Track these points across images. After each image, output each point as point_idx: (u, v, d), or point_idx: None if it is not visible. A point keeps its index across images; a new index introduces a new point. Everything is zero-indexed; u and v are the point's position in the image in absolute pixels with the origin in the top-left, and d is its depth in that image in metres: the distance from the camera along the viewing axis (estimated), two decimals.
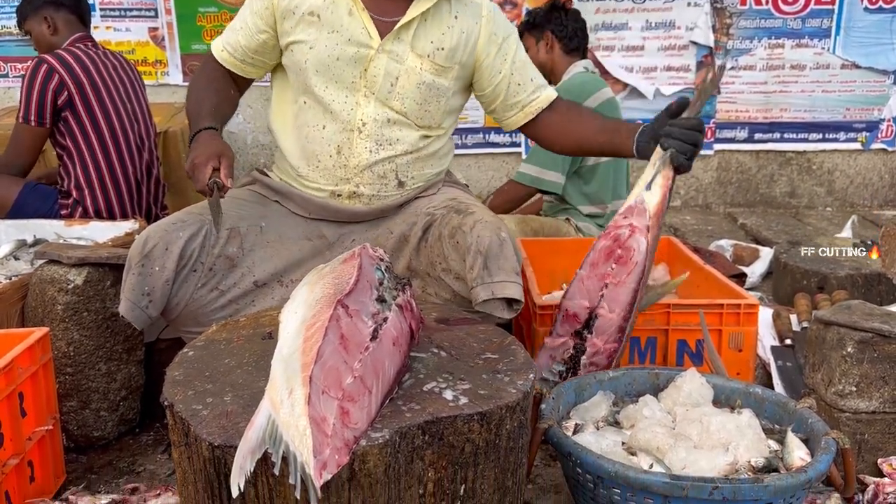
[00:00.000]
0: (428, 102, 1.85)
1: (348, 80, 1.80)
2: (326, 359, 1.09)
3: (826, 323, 1.80)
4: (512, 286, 1.64)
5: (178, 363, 1.33)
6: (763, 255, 3.64)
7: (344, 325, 1.15)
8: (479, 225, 1.69)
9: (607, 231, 1.79)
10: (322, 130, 1.84)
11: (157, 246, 1.68)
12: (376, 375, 1.15)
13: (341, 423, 1.05)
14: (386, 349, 1.20)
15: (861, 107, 4.79)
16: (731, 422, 1.49)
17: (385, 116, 1.83)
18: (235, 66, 1.92)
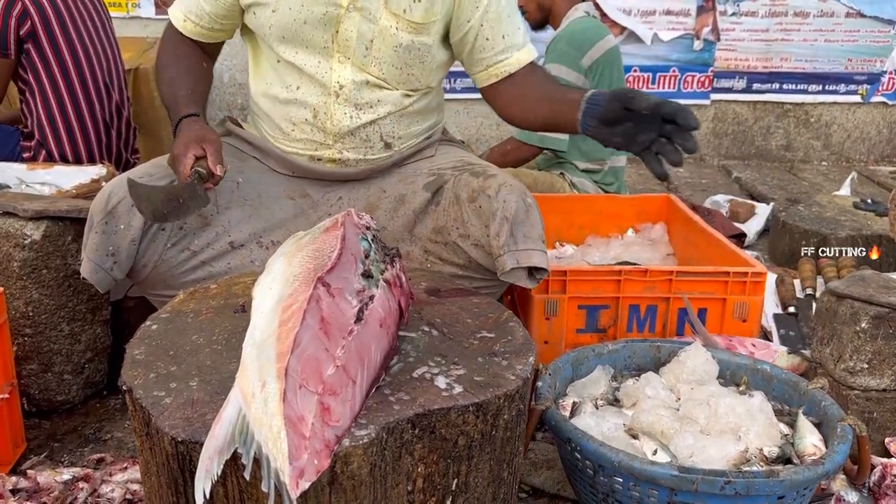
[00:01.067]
0: (410, 66, 1.66)
1: (319, 45, 1.62)
2: (304, 347, 0.95)
3: (839, 296, 1.69)
4: (538, 254, 1.52)
5: (139, 339, 1.19)
6: (759, 211, 3.53)
7: (325, 306, 1.01)
8: (504, 189, 1.56)
9: None
10: (296, 91, 1.67)
11: (122, 202, 1.53)
12: (361, 362, 1.02)
13: (321, 422, 0.92)
14: (372, 331, 1.06)
15: (863, 57, 4.64)
16: (741, 405, 1.39)
17: (363, 79, 1.66)
18: (202, 34, 1.74)
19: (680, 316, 1.88)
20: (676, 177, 4.46)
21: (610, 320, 1.89)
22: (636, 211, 2.61)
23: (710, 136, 4.82)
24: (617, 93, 1.42)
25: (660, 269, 1.85)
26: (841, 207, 3.20)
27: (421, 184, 1.72)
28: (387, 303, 1.13)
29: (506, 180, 1.60)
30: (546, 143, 2.70)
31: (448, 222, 1.66)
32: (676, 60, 4.60)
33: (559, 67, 2.67)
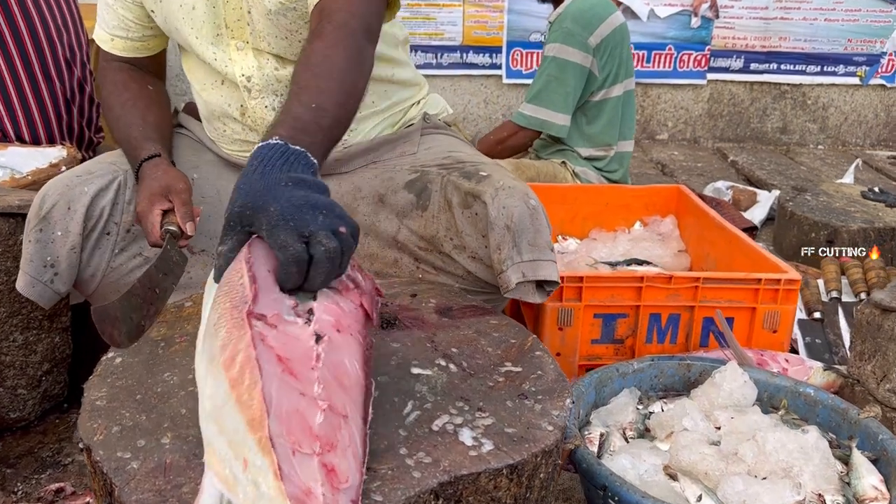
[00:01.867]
0: (295, 32, 1.41)
1: (212, 33, 1.41)
2: (279, 401, 0.76)
3: (885, 309, 1.53)
4: (547, 266, 1.30)
5: (100, 377, 0.99)
6: (761, 199, 3.39)
7: (274, 342, 0.81)
8: (503, 193, 1.33)
9: None
10: (212, 92, 1.48)
11: (58, 205, 1.32)
12: (343, 388, 0.82)
13: (331, 489, 0.73)
14: (337, 344, 0.85)
15: (863, 38, 4.49)
16: (792, 441, 1.22)
17: (270, 65, 1.43)
18: (136, 48, 1.52)
19: (705, 326, 1.72)
20: (672, 161, 4.30)
21: (628, 330, 1.72)
22: (644, 202, 2.44)
23: (706, 117, 4.66)
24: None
25: (685, 276, 1.68)
26: (849, 197, 3.06)
27: (401, 181, 1.49)
28: (334, 305, 0.90)
29: (503, 181, 1.36)
30: (546, 129, 2.52)
31: (440, 231, 1.44)
32: (673, 38, 4.42)
33: (564, 48, 2.48)
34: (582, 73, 2.50)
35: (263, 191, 0.88)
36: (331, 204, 0.89)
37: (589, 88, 2.54)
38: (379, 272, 1.51)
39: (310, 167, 0.94)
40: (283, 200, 0.86)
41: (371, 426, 0.91)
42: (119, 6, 1.47)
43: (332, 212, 0.88)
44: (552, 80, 2.50)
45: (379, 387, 0.99)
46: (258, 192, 0.88)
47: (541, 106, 2.52)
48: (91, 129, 2.57)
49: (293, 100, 1.09)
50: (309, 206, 0.87)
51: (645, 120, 4.62)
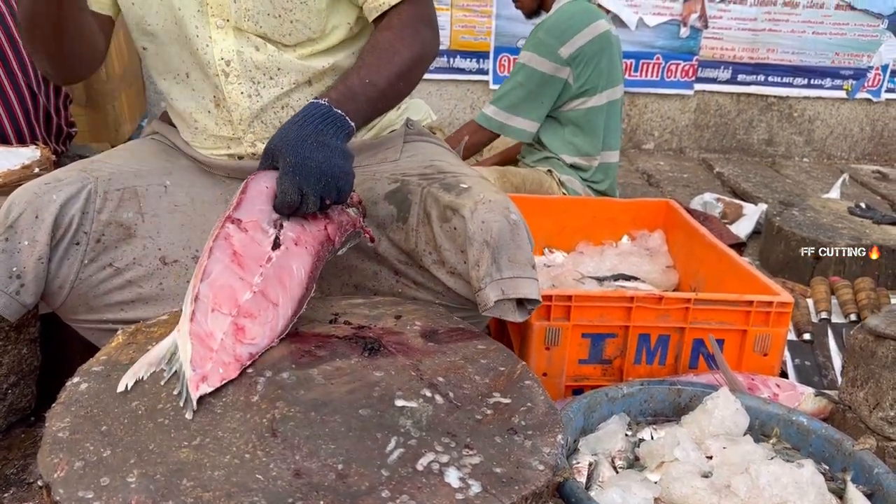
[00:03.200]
0: (290, 11, 1.35)
1: (192, 9, 1.33)
2: (216, 277, 1.06)
3: (879, 335, 1.50)
4: (527, 283, 1.24)
5: (63, 406, 0.93)
6: (748, 212, 3.37)
7: (236, 241, 1.10)
8: (483, 207, 1.27)
9: None
10: (187, 79, 1.41)
11: (24, 214, 1.26)
12: (282, 285, 1.10)
13: (233, 339, 1.03)
14: (293, 254, 1.13)
15: (851, 52, 4.50)
16: (786, 475, 1.18)
17: (251, 45, 1.36)
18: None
19: (695, 347, 1.68)
20: (657, 171, 4.28)
21: (617, 351, 1.68)
22: (632, 216, 2.41)
23: (692, 127, 4.64)
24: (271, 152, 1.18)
25: (676, 297, 1.64)
26: (836, 213, 3.04)
27: (381, 192, 1.44)
28: (299, 225, 1.16)
29: (483, 194, 1.31)
30: (505, 132, 2.54)
31: (419, 245, 1.39)
32: (661, 47, 4.40)
33: (532, 56, 2.47)
34: (551, 83, 2.49)
35: (292, 141, 1.13)
36: (335, 173, 1.13)
37: (563, 98, 2.52)
38: (358, 284, 1.46)
39: (345, 129, 1.18)
40: (300, 156, 1.11)
41: (352, 464, 0.86)
42: None
43: (332, 181, 1.13)
44: (517, 86, 2.52)
45: (361, 420, 0.94)
46: (288, 140, 1.13)
47: (502, 109, 2.53)
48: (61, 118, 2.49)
49: (352, 73, 1.29)
50: (316, 169, 1.12)
51: (631, 129, 4.60)
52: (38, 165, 2.07)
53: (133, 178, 1.40)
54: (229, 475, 0.83)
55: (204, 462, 0.85)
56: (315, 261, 1.15)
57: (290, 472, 0.84)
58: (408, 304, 1.30)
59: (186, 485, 0.81)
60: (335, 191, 1.14)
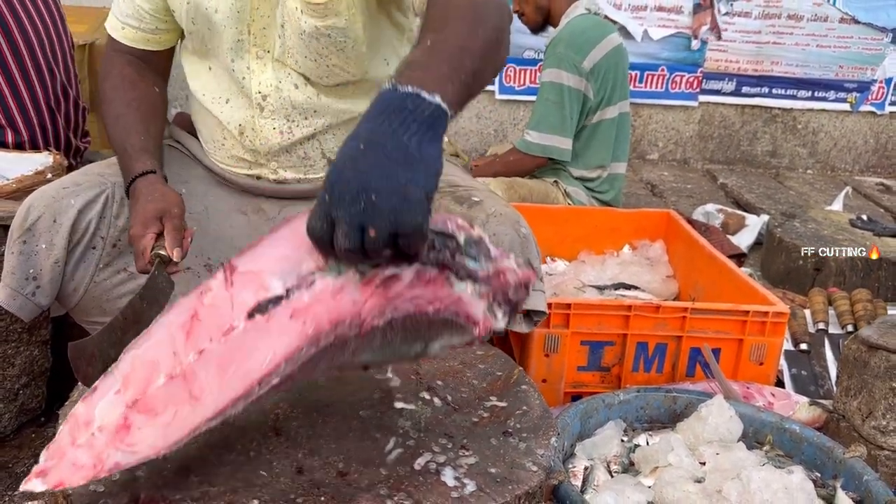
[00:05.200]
0: (327, 56, 1.35)
1: (233, 39, 1.35)
2: (148, 348, 0.80)
3: (872, 346, 1.53)
4: (535, 295, 1.29)
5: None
6: (750, 223, 3.39)
7: (209, 298, 0.80)
8: (494, 220, 1.32)
9: None
10: (224, 105, 1.42)
11: (43, 217, 1.30)
12: (222, 373, 0.77)
13: (108, 438, 0.78)
14: (271, 330, 0.78)
15: (855, 65, 4.52)
16: (777, 480, 1.21)
17: (290, 81, 1.38)
18: (147, 40, 1.45)
19: (692, 356, 1.71)
20: (661, 181, 4.30)
21: (615, 358, 1.71)
22: (634, 227, 2.44)
23: (696, 138, 4.67)
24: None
25: (673, 306, 1.67)
26: (837, 224, 3.07)
27: None
28: (328, 290, 0.78)
29: (495, 208, 1.36)
30: (550, 154, 2.52)
31: None
32: (666, 59, 4.43)
33: (559, 73, 2.48)
34: (577, 97, 2.50)
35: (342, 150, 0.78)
36: (384, 189, 0.74)
37: (584, 112, 2.54)
38: None
39: (440, 123, 0.82)
40: (348, 170, 0.75)
41: (352, 463, 0.90)
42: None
43: (380, 204, 0.73)
44: (551, 104, 2.50)
45: (361, 421, 0.98)
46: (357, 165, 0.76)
47: (543, 132, 2.51)
48: (77, 136, 2.54)
49: (432, 42, 0.94)
50: (360, 188, 0.74)
51: (636, 140, 4.63)
52: (52, 171, 2.11)
53: None
54: (234, 471, 0.87)
55: (210, 458, 0.88)
56: (308, 346, 0.78)
57: (293, 469, 0.88)
58: None
59: (193, 480, 0.85)
60: (386, 220, 0.73)
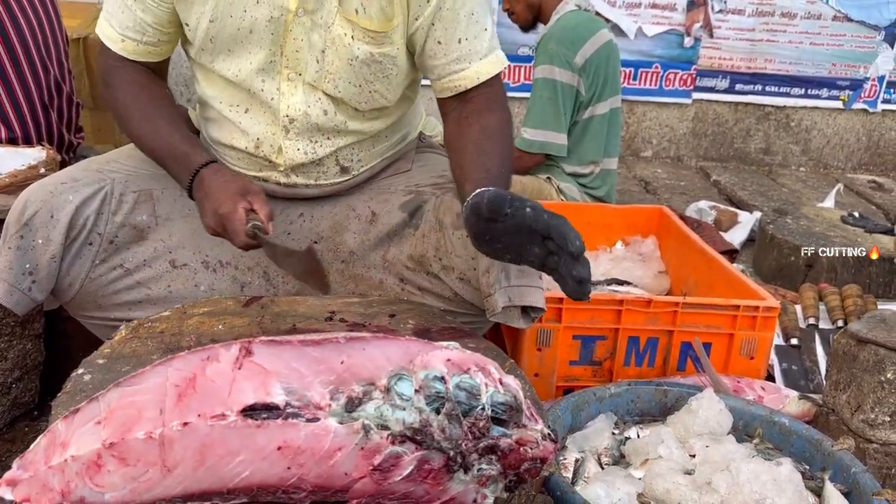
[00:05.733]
0: (371, 82, 1.38)
1: (264, 60, 1.34)
2: (136, 391, 0.80)
3: (861, 340, 1.54)
4: (533, 292, 1.29)
5: (68, 395, 0.98)
6: (742, 220, 3.41)
7: (213, 370, 0.81)
8: None
9: None
10: (243, 115, 1.41)
11: (40, 213, 1.30)
12: (200, 461, 0.78)
13: (78, 470, 0.79)
14: (263, 447, 0.79)
15: (847, 63, 4.54)
16: (766, 472, 1.23)
17: (320, 107, 1.38)
18: (147, 53, 1.41)
19: (683, 350, 1.72)
20: (655, 178, 4.32)
21: (606, 353, 1.72)
22: (626, 222, 2.45)
23: (690, 136, 4.69)
24: (489, 205, 1.10)
25: (664, 301, 1.68)
26: (829, 221, 3.09)
27: (396, 203, 1.50)
28: (327, 456, 0.80)
29: None
30: (547, 150, 2.53)
31: (428, 251, 1.44)
32: (660, 56, 4.45)
33: (552, 69, 2.49)
34: (570, 93, 2.51)
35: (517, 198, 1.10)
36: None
37: (575, 107, 2.55)
38: (363, 294, 1.50)
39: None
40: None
41: None
42: (139, 8, 1.35)
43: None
44: (545, 101, 2.51)
45: None
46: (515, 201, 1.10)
47: (539, 128, 2.52)
48: (71, 132, 2.54)
49: (479, 164, 1.28)
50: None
51: (630, 137, 4.65)
52: (45, 166, 2.11)
53: (149, 181, 1.44)
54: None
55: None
56: (284, 487, 0.81)
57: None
58: (402, 304, 1.34)
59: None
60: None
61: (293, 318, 1.21)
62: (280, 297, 1.36)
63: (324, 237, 1.50)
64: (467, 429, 0.82)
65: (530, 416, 0.86)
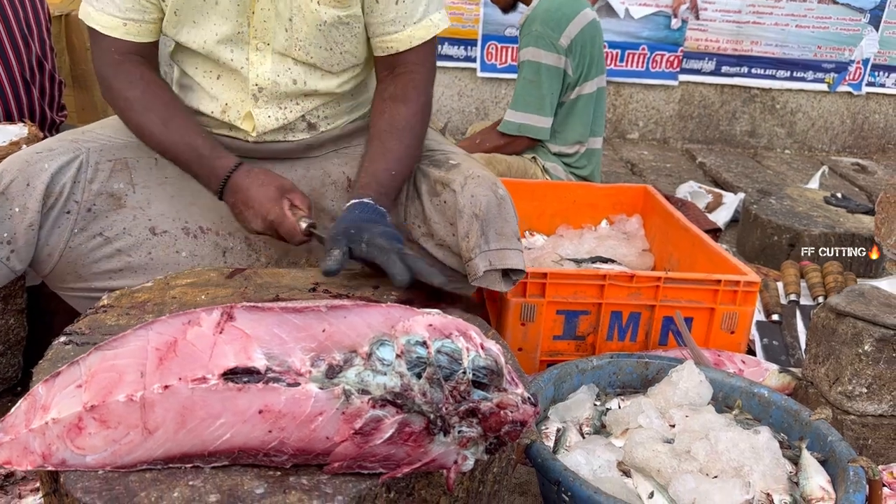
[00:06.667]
0: (341, 44, 1.40)
1: (231, 31, 1.35)
2: (117, 355, 0.81)
3: (839, 313, 1.56)
4: (513, 254, 1.32)
5: (50, 362, 0.98)
6: (727, 201, 3.43)
7: (194, 334, 0.81)
8: (472, 182, 1.35)
9: None
10: (215, 81, 1.42)
11: (16, 181, 1.30)
12: (180, 420, 0.79)
13: (59, 432, 0.80)
14: (244, 410, 0.79)
15: (833, 45, 4.56)
16: (744, 440, 1.24)
17: (289, 76, 1.39)
18: (150, 32, 1.38)
19: (664, 324, 1.74)
20: (641, 160, 4.33)
21: (590, 327, 1.74)
22: (611, 201, 2.46)
23: (676, 118, 4.70)
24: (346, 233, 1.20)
25: (647, 276, 1.70)
26: (812, 202, 3.11)
27: None
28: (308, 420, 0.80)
29: (472, 170, 1.39)
30: (527, 132, 2.53)
31: (408, 219, 1.46)
32: (647, 38, 4.45)
33: (537, 51, 2.48)
34: (556, 75, 2.51)
35: (361, 224, 1.21)
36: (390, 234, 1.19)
37: (563, 88, 2.55)
38: None
39: (386, 218, 1.27)
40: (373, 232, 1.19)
41: None
42: None
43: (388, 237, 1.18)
44: (528, 83, 2.51)
45: None
46: (358, 223, 1.21)
47: (519, 111, 2.52)
48: (53, 110, 2.52)
49: (379, 161, 1.35)
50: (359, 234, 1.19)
51: (616, 119, 4.65)
52: (26, 142, 2.10)
53: (125, 150, 1.43)
54: None
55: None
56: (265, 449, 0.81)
57: None
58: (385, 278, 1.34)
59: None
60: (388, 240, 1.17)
61: (276, 289, 1.21)
62: (263, 266, 1.36)
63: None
64: (448, 392, 0.83)
65: (511, 380, 0.87)
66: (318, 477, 0.81)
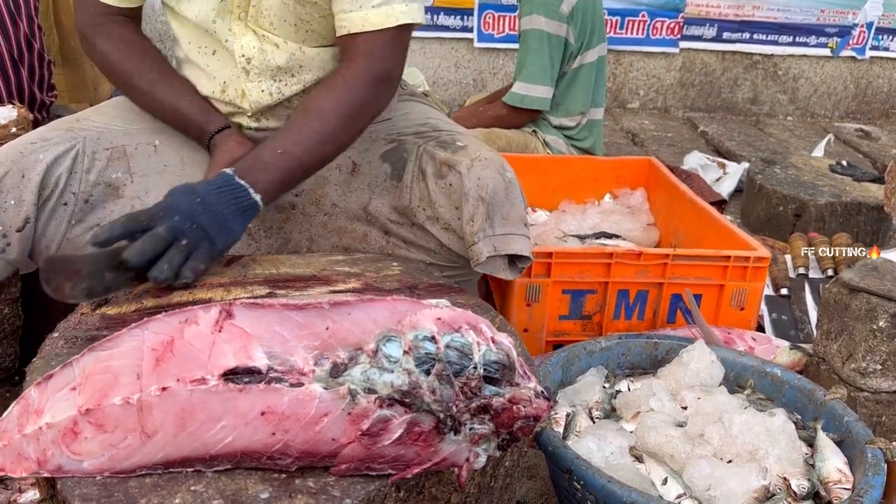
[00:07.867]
0: (308, 22, 1.34)
1: (215, 1, 1.31)
2: (112, 356, 0.78)
3: (853, 288, 1.53)
4: (519, 240, 1.27)
5: (44, 360, 0.94)
6: (731, 171, 3.38)
7: (194, 333, 0.78)
8: (479, 164, 1.30)
9: None
10: (211, 57, 1.38)
11: (10, 173, 1.25)
12: (180, 427, 0.76)
13: (54, 438, 0.76)
14: (245, 413, 0.76)
15: (836, 9, 4.48)
16: (758, 423, 1.22)
17: (271, 42, 1.35)
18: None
19: (672, 302, 1.70)
20: (642, 130, 4.27)
21: (596, 307, 1.70)
22: (614, 175, 2.42)
23: (677, 86, 4.63)
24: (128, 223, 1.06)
25: (654, 253, 1.66)
26: (817, 171, 3.07)
27: (378, 152, 1.45)
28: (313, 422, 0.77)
29: (479, 152, 1.34)
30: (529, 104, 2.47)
31: (413, 201, 1.40)
32: (647, 4, 4.36)
33: (538, 19, 2.42)
34: (559, 43, 2.45)
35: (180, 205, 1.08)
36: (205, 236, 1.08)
37: (565, 57, 2.49)
38: (348, 247, 1.47)
39: (244, 199, 1.13)
40: (185, 205, 1.08)
41: None
42: None
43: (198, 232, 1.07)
44: (531, 52, 2.45)
45: None
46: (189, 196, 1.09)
47: (523, 81, 2.46)
48: (43, 90, 2.46)
49: (269, 140, 1.23)
50: (192, 219, 1.07)
51: (616, 88, 4.58)
52: (16, 125, 2.05)
53: (122, 137, 1.39)
54: None
55: None
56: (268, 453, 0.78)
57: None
58: (388, 262, 1.31)
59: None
60: (197, 240, 1.06)
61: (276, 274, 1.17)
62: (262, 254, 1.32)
63: (305, 189, 1.46)
64: (459, 389, 0.79)
65: (523, 373, 0.83)
66: (325, 479, 0.78)
